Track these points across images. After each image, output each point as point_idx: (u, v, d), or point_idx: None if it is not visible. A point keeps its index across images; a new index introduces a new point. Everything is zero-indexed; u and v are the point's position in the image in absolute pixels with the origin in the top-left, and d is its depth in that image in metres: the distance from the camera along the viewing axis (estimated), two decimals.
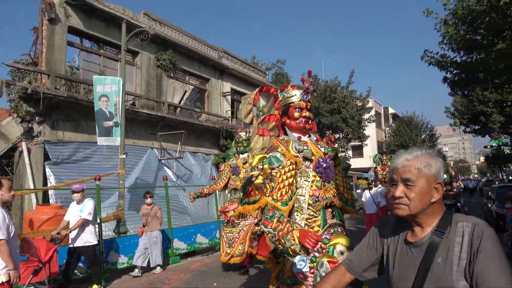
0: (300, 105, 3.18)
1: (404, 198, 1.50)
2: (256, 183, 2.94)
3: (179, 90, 16.45)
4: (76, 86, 10.83)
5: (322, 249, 2.85)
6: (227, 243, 6.66)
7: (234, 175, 6.99)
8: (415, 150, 1.56)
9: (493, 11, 8.90)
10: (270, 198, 2.82)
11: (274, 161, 2.93)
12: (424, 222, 1.53)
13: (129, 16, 12.34)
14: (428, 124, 37.37)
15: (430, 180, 1.49)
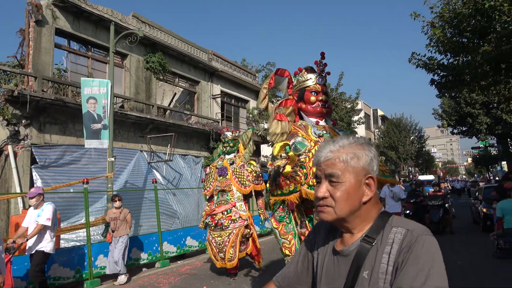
0: (316, 89, 3.08)
1: (329, 198, 1.22)
2: (286, 173, 2.83)
3: (168, 93, 16.37)
4: (64, 88, 10.71)
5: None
6: (216, 248, 6.49)
7: (221, 176, 6.77)
8: (341, 139, 1.27)
9: (478, 14, 9.05)
10: (306, 186, 2.76)
11: (300, 146, 2.85)
12: (355, 226, 1.25)
13: (117, 18, 12.25)
14: (417, 126, 37.80)
15: (360, 174, 1.22)
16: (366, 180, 1.22)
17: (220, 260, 6.49)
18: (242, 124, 19.73)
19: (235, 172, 6.76)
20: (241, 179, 6.73)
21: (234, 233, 6.51)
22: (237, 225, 6.55)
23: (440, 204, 11.68)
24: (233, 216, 6.59)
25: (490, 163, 47.43)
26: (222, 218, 6.56)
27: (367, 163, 1.23)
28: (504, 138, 23.81)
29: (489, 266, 7.30)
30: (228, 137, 7.12)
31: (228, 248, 6.40)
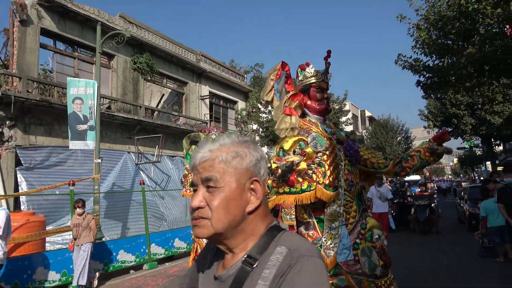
0: (321, 86, 3.01)
1: (205, 208, 0.99)
2: (300, 170, 2.69)
3: (156, 94, 16.27)
4: (49, 89, 10.56)
5: (362, 235, 2.79)
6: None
7: None
8: (223, 137, 1.08)
9: (463, 17, 9.21)
10: (323, 186, 2.65)
11: (321, 143, 2.74)
12: (236, 244, 1.02)
13: (104, 19, 12.14)
14: (403, 127, 38.21)
15: (243, 177, 1.01)
16: (251, 184, 1.02)
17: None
18: (231, 125, 19.71)
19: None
20: None
21: None
22: None
23: (427, 204, 11.83)
24: None
25: (475, 163, 48.21)
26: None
27: (252, 163, 1.03)
28: (488, 138, 24.24)
29: (474, 265, 7.42)
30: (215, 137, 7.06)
31: None
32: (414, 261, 7.91)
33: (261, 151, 1.09)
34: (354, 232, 2.80)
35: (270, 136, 17.59)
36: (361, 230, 2.83)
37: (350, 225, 2.79)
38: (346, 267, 2.68)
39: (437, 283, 6.19)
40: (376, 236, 2.85)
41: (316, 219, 2.86)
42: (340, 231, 2.73)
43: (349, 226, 2.79)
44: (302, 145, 2.78)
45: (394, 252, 8.82)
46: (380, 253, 2.82)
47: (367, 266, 2.71)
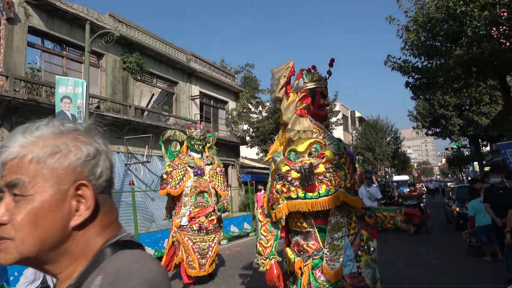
0: (324, 92, 2.95)
1: (8, 225, 0.73)
2: (318, 173, 2.57)
3: (146, 93, 16.17)
4: (37, 88, 10.43)
5: (362, 247, 2.75)
6: (199, 254, 6.02)
7: (197, 176, 6.25)
8: (42, 125, 0.79)
9: (451, 19, 9.34)
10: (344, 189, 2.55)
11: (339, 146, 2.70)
12: (61, 270, 0.78)
13: (93, 17, 12.03)
14: (393, 127, 38.59)
15: (64, 181, 0.76)
16: (75, 190, 0.76)
17: (198, 267, 5.98)
18: (221, 126, 19.68)
19: (214, 175, 6.48)
20: (219, 183, 6.52)
21: (218, 237, 6.33)
22: (218, 229, 6.40)
23: (415, 203, 11.96)
24: (216, 220, 6.31)
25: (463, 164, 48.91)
26: (205, 222, 6.15)
27: (80, 161, 0.77)
28: (475, 139, 24.62)
29: (462, 264, 7.52)
30: (201, 135, 6.59)
31: (213, 254, 6.19)
32: (403, 261, 7.99)
33: (99, 143, 0.85)
34: (355, 244, 2.71)
35: (261, 137, 17.61)
36: (361, 242, 2.77)
37: (351, 236, 2.69)
38: (350, 280, 2.58)
39: (427, 282, 6.26)
40: (372, 248, 2.85)
41: (317, 228, 2.71)
42: (344, 242, 2.62)
43: (350, 237, 2.68)
44: (317, 147, 2.67)
45: (383, 251, 8.91)
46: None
47: (370, 278, 2.63)
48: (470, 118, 21.79)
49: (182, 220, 6.08)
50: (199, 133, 6.59)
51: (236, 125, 19.70)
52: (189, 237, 6.02)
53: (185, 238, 6.02)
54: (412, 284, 6.16)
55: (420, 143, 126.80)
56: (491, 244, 7.61)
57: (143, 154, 13.23)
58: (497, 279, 5.95)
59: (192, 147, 6.56)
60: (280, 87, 2.85)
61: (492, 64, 9.70)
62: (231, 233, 12.17)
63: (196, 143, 6.53)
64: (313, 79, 2.93)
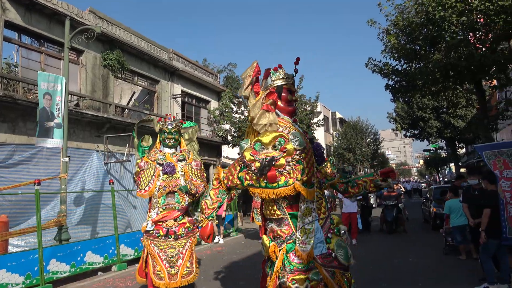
0: (291, 88, 3.17)
1: None
2: (279, 165, 2.77)
3: (127, 91, 15.93)
4: (13, 84, 10.14)
5: (332, 230, 2.98)
6: (167, 262, 5.26)
7: (167, 174, 5.46)
8: None
9: (430, 24, 9.55)
10: (301, 182, 2.74)
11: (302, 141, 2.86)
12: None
13: (73, 13, 11.78)
14: (373, 129, 39.17)
15: None
16: None
17: (168, 277, 5.19)
18: (203, 125, 19.58)
19: (189, 170, 5.61)
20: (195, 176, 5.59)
21: (190, 242, 5.45)
22: (192, 233, 5.49)
23: (394, 204, 12.18)
24: (188, 223, 5.45)
25: (439, 165, 50.07)
26: (174, 226, 5.35)
27: None
28: (452, 141, 25.25)
29: (438, 262, 7.72)
30: (172, 128, 5.79)
31: (185, 262, 5.32)
32: (382, 259, 8.13)
33: None
34: (326, 227, 2.94)
35: (243, 136, 17.59)
36: (330, 225, 3.01)
37: (321, 220, 2.94)
38: (321, 260, 2.81)
39: (404, 280, 6.39)
40: (342, 231, 3.06)
41: (289, 215, 2.94)
42: (314, 226, 2.85)
43: (320, 221, 2.92)
44: (281, 141, 2.85)
45: (363, 250, 9.05)
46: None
47: (343, 257, 2.90)
48: (447, 120, 22.32)
49: (148, 224, 5.38)
50: (169, 126, 5.81)
51: (218, 124, 19.63)
52: (156, 243, 5.29)
53: (152, 245, 5.30)
54: (389, 282, 6.28)
55: (399, 144, 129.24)
56: (466, 243, 7.83)
57: (123, 153, 13.04)
58: (472, 277, 6.12)
59: (163, 142, 5.82)
60: (246, 86, 3.10)
61: (469, 69, 9.97)
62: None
63: (167, 137, 5.77)
64: (280, 77, 3.15)
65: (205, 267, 8.06)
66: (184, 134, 6.14)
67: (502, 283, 5.52)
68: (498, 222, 5.59)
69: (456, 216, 7.82)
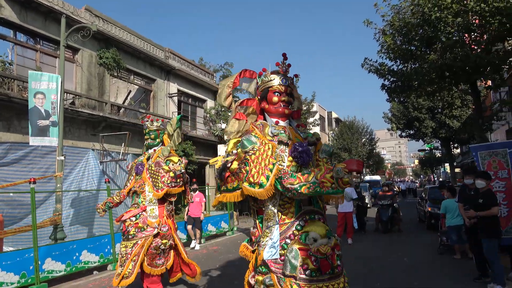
0: (279, 89, 3.10)
1: None
2: (232, 169, 2.88)
3: (123, 90, 15.88)
4: (8, 82, 10.07)
5: (294, 235, 2.78)
6: (120, 261, 5.31)
7: (137, 174, 5.51)
8: None
9: (426, 24, 9.60)
10: (247, 184, 2.73)
11: (247, 143, 2.84)
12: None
13: (69, 11, 11.72)
14: (368, 129, 39.32)
15: None
16: None
17: (116, 276, 5.21)
18: (199, 124, 19.56)
19: (149, 169, 5.51)
20: (154, 179, 5.43)
21: (139, 243, 5.26)
22: (144, 234, 5.30)
23: (389, 203, 12.23)
24: (140, 223, 5.34)
25: (434, 165, 50.36)
26: (130, 225, 5.34)
27: None
28: (447, 141, 25.38)
29: (433, 261, 7.76)
30: (148, 127, 5.78)
31: (128, 262, 5.17)
32: (377, 259, 8.17)
33: None
34: (287, 232, 2.82)
35: None
36: (295, 231, 2.81)
37: (284, 226, 2.85)
38: (271, 265, 2.74)
39: (399, 279, 6.43)
40: (312, 238, 2.73)
41: (259, 219, 3.05)
42: (273, 230, 2.83)
43: (283, 226, 2.84)
44: (238, 145, 2.96)
45: (358, 250, 9.09)
46: (316, 256, 2.67)
47: (287, 266, 2.67)
48: (442, 121, 22.45)
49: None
50: (144, 127, 5.85)
51: (214, 123, 19.62)
52: (121, 242, 5.48)
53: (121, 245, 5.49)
54: (384, 281, 6.31)
55: (394, 144, 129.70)
56: (461, 243, 7.88)
57: (119, 152, 13.01)
58: (467, 277, 6.17)
59: (146, 142, 5.83)
60: (225, 97, 3.22)
61: (464, 69, 10.03)
62: (209, 232, 12.13)
63: (145, 137, 5.82)
64: (265, 81, 3.16)
65: (201, 266, 8.04)
66: (167, 127, 6.05)
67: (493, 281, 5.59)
68: (498, 221, 5.65)
69: (452, 216, 7.87)
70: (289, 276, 2.65)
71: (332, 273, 2.69)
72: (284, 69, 3.18)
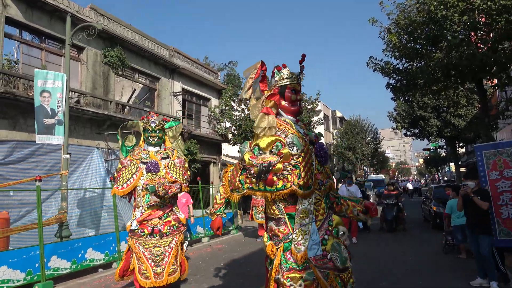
0: (296, 88, 3.13)
1: None
2: (276, 170, 2.79)
3: (127, 89, 15.92)
4: (14, 81, 10.13)
5: (329, 231, 2.97)
6: (153, 261, 5.21)
7: (151, 172, 5.39)
8: None
9: (432, 23, 9.54)
10: (297, 187, 2.78)
11: (298, 145, 2.85)
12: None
13: (74, 10, 11.76)
14: (373, 128, 39.17)
15: None
16: None
17: (154, 276, 5.15)
18: (204, 123, 19.58)
19: (173, 168, 5.53)
20: (176, 174, 5.49)
21: (176, 240, 5.40)
22: (177, 231, 5.47)
23: (394, 203, 12.18)
24: (173, 221, 5.45)
25: (439, 164, 50.13)
26: (159, 224, 5.33)
27: None
28: (452, 140, 25.23)
29: (437, 260, 7.73)
30: (155, 126, 5.69)
31: (171, 260, 5.27)
32: (382, 258, 8.15)
33: None
34: (323, 229, 2.94)
35: (243, 134, 17.60)
36: (328, 227, 2.99)
37: (319, 222, 2.94)
38: (315, 261, 2.83)
39: (404, 279, 6.41)
40: (341, 232, 3.04)
41: (287, 215, 2.97)
42: (310, 227, 2.87)
43: (318, 223, 2.93)
44: (279, 145, 2.86)
45: (363, 249, 9.07)
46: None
47: (338, 260, 2.89)
48: (448, 120, 22.30)
49: (132, 223, 5.36)
50: (152, 124, 5.72)
51: (219, 122, 19.63)
52: (140, 242, 5.27)
53: (136, 244, 5.28)
54: (389, 280, 6.29)
55: (399, 143, 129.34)
56: (466, 242, 7.84)
57: None
58: (472, 277, 6.13)
59: (147, 140, 5.73)
60: (247, 88, 3.14)
61: (470, 68, 9.96)
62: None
63: (150, 135, 5.69)
64: (283, 77, 3.13)
65: (205, 264, 8.08)
66: (169, 132, 6.04)
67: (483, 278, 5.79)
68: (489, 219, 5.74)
69: (458, 215, 7.82)
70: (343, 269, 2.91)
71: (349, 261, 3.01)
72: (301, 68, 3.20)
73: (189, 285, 6.48)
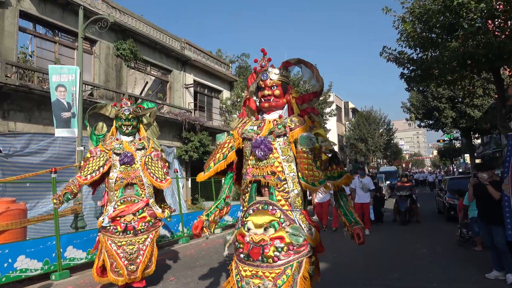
0: (260, 85, 3.19)
1: None
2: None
3: (140, 81, 16.02)
4: (29, 74, 10.27)
5: (242, 222, 3.07)
6: (126, 259, 4.91)
7: (125, 164, 5.08)
8: None
9: (447, 11, 9.30)
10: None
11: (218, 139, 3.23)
12: None
13: (86, 3, 11.82)
14: (386, 119, 38.76)
15: None
16: None
17: (127, 274, 4.89)
18: (215, 115, 19.60)
19: (148, 162, 5.24)
20: (155, 171, 5.21)
21: (151, 237, 5.13)
22: (153, 227, 5.19)
23: (408, 194, 12.06)
24: (148, 216, 5.15)
25: (454, 156, 49.38)
26: (134, 221, 5.03)
27: None
28: (467, 131, 24.79)
29: (451, 252, 7.64)
30: (129, 113, 5.30)
31: (144, 258, 5.00)
32: (395, 250, 8.09)
33: None
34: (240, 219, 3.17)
35: None
36: (243, 218, 3.11)
37: (242, 212, 3.14)
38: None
39: (418, 271, 6.36)
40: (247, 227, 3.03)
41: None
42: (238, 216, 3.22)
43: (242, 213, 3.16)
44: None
45: (376, 241, 9.02)
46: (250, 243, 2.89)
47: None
48: (463, 110, 21.88)
49: (104, 220, 5.02)
50: (126, 112, 5.29)
51: (230, 114, 19.64)
52: (113, 239, 4.96)
53: (108, 241, 4.95)
54: (402, 272, 6.25)
55: (412, 134, 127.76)
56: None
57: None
58: (488, 269, 6.05)
59: (120, 129, 5.36)
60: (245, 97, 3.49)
61: (487, 57, 9.70)
62: (225, 222, 12.20)
63: (124, 123, 5.30)
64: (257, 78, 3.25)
65: (217, 254, 8.13)
66: (143, 118, 5.71)
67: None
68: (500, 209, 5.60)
69: (475, 208, 7.70)
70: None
71: (264, 261, 2.78)
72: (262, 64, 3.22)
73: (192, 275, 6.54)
